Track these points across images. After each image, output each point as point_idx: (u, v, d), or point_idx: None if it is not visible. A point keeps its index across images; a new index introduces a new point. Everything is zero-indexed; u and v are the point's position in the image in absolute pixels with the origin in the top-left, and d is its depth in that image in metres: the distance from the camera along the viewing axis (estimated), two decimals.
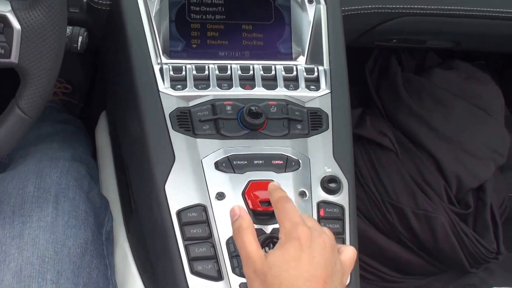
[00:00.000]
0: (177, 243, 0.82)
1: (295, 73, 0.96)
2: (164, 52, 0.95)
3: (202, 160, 0.87)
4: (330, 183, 0.88)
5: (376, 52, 1.61)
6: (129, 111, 0.96)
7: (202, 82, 0.92)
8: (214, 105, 0.90)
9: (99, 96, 1.54)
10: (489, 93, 1.52)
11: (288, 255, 0.71)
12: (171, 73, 0.92)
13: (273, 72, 0.95)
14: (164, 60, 0.94)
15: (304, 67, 0.97)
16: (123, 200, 1.05)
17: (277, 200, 0.79)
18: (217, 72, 0.93)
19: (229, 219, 0.82)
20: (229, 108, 0.90)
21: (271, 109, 0.92)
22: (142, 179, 0.91)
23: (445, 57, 1.62)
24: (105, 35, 1.05)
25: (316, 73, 0.96)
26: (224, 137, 0.89)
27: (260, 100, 0.92)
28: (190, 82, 0.92)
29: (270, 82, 0.94)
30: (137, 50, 0.93)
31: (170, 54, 0.96)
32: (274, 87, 0.94)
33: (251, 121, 0.89)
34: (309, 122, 0.92)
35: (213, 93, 0.92)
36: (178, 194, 0.85)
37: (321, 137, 0.92)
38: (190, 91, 0.91)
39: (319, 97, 0.95)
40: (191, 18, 0.98)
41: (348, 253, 0.78)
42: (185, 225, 0.83)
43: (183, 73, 0.92)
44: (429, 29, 1.20)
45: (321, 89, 0.96)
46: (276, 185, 0.83)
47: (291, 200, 0.79)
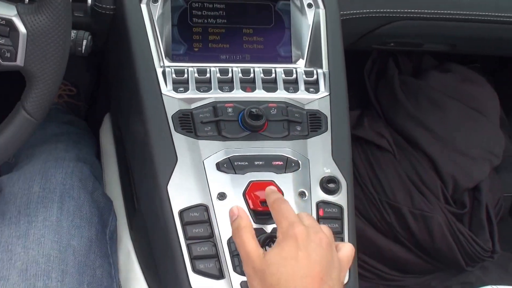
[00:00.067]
0: (179, 242, 0.82)
1: (294, 76, 0.96)
2: (166, 55, 0.95)
3: (204, 161, 0.87)
4: (329, 183, 0.88)
5: (374, 55, 1.61)
6: (132, 113, 0.96)
7: (203, 84, 0.92)
8: (215, 107, 0.90)
9: (103, 98, 1.54)
10: (484, 95, 1.52)
11: (285, 253, 0.71)
12: (174, 76, 0.92)
13: (273, 75, 0.95)
14: (166, 63, 0.94)
15: (303, 70, 0.97)
16: (127, 200, 1.05)
17: (273, 201, 0.79)
18: (218, 75, 0.93)
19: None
20: (230, 110, 0.90)
21: (271, 111, 0.92)
22: (145, 180, 0.91)
23: (441, 59, 1.61)
24: (109, 38, 1.05)
25: (315, 76, 0.96)
26: (225, 138, 0.89)
27: (260, 102, 0.92)
28: (192, 84, 0.92)
29: (270, 84, 0.95)
30: (140, 53, 0.93)
31: (172, 57, 0.95)
32: (274, 90, 0.94)
33: (251, 123, 0.89)
34: (308, 124, 0.92)
35: (215, 95, 0.92)
36: (180, 194, 0.85)
37: (320, 139, 0.92)
38: (192, 94, 0.91)
39: (318, 99, 0.95)
40: (193, 22, 0.97)
41: (345, 250, 0.78)
42: (187, 225, 0.83)
43: (185, 76, 0.92)
44: (426, 33, 1.20)
45: (320, 92, 0.96)
46: (272, 189, 0.84)
47: (287, 201, 0.79)
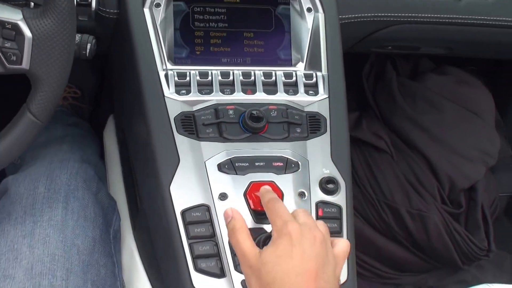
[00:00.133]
0: (181, 242, 0.82)
1: (294, 78, 0.96)
2: (169, 58, 0.95)
3: (205, 162, 0.87)
4: (328, 184, 0.88)
5: (372, 58, 1.60)
6: (135, 115, 0.95)
7: (205, 87, 0.92)
8: (217, 109, 0.90)
9: (107, 100, 1.54)
10: (480, 97, 1.52)
11: (279, 251, 0.72)
12: (176, 78, 0.92)
13: (274, 77, 0.95)
14: (169, 66, 0.94)
15: (303, 73, 0.97)
16: (130, 200, 1.04)
17: (267, 201, 0.80)
18: (219, 78, 0.94)
19: None
20: (231, 112, 0.90)
21: (271, 113, 0.92)
22: (148, 180, 0.91)
23: (438, 62, 1.61)
24: (113, 42, 1.05)
25: (314, 79, 0.96)
26: (226, 140, 0.89)
27: (261, 104, 0.92)
28: (194, 87, 0.92)
29: (270, 87, 0.94)
30: (143, 56, 0.93)
31: (174, 60, 0.95)
32: (274, 92, 0.94)
33: (252, 124, 0.89)
34: (308, 125, 0.92)
35: (216, 98, 0.92)
36: (182, 194, 0.85)
37: (319, 140, 0.92)
38: (194, 96, 0.91)
39: (318, 101, 0.95)
40: (195, 26, 0.97)
41: (341, 245, 0.78)
42: (189, 224, 0.83)
43: (187, 78, 0.92)
44: (423, 36, 1.20)
45: (319, 94, 0.96)
46: (267, 188, 0.84)
47: (281, 200, 0.80)
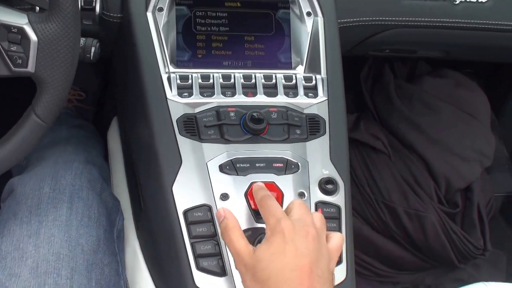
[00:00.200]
0: (183, 241, 0.82)
1: (294, 81, 0.96)
2: (171, 61, 0.94)
3: (207, 163, 0.87)
4: (327, 184, 0.88)
5: (370, 61, 1.60)
6: (138, 117, 0.95)
7: (207, 90, 0.92)
8: (218, 111, 0.90)
9: (110, 102, 1.54)
10: (475, 99, 1.52)
11: (273, 248, 0.72)
12: (178, 81, 0.92)
13: (274, 80, 0.95)
14: (171, 69, 0.94)
15: (302, 76, 0.97)
16: (133, 200, 1.04)
17: (260, 199, 0.79)
18: (221, 80, 0.93)
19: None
20: (232, 114, 0.90)
21: (272, 115, 0.91)
22: (151, 181, 0.90)
23: (435, 65, 1.61)
24: (116, 45, 1.05)
25: (314, 82, 0.96)
26: (228, 141, 0.89)
27: (261, 106, 0.92)
28: (196, 90, 0.92)
29: (271, 90, 0.94)
30: (146, 59, 0.93)
31: (177, 63, 0.95)
32: (274, 95, 0.94)
33: (253, 126, 0.88)
34: (307, 127, 0.92)
35: (218, 100, 0.92)
36: (184, 195, 0.85)
37: (318, 141, 0.92)
38: (196, 99, 0.91)
39: (317, 104, 0.95)
40: (197, 30, 0.97)
41: (335, 240, 0.78)
42: (191, 224, 0.83)
43: (190, 81, 0.92)
44: (420, 40, 1.20)
45: (318, 97, 0.95)
46: (259, 185, 0.84)
47: (274, 198, 0.79)
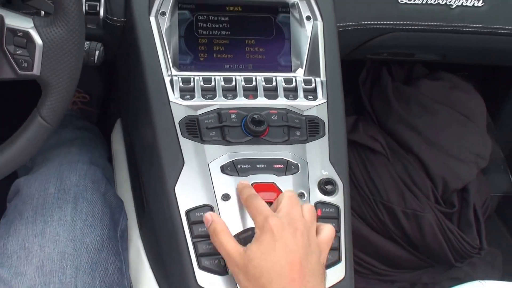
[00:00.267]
0: (186, 241, 0.82)
1: (294, 84, 0.96)
2: (174, 65, 0.94)
3: (209, 164, 0.87)
4: (326, 185, 0.88)
5: (368, 64, 1.60)
6: (142, 119, 0.95)
7: (209, 92, 0.92)
8: (220, 113, 0.90)
9: (114, 104, 1.54)
10: (471, 101, 1.52)
11: (263, 246, 0.72)
12: (181, 84, 0.92)
13: (274, 83, 0.95)
14: (174, 72, 0.94)
15: (302, 79, 0.97)
16: (137, 200, 1.04)
17: (246, 198, 0.80)
18: (222, 83, 0.93)
19: (234, 219, 0.83)
20: (233, 116, 0.90)
21: (272, 117, 0.91)
22: (154, 181, 0.90)
23: (432, 68, 1.61)
24: (120, 49, 1.05)
25: (313, 84, 0.96)
26: (229, 143, 0.89)
27: (262, 109, 0.92)
28: (198, 92, 0.92)
29: (271, 92, 0.94)
30: (149, 63, 0.92)
31: (179, 66, 0.95)
32: (275, 97, 0.94)
33: (254, 128, 0.88)
34: (307, 129, 0.92)
35: (219, 102, 0.92)
36: (187, 195, 0.84)
37: (318, 143, 0.92)
38: (198, 101, 0.91)
39: (316, 106, 0.95)
40: (198, 33, 0.97)
41: (325, 232, 0.78)
42: (193, 224, 0.82)
43: (192, 84, 0.92)
44: (417, 44, 1.20)
45: (318, 99, 0.95)
46: (244, 184, 0.84)
47: (259, 196, 0.79)
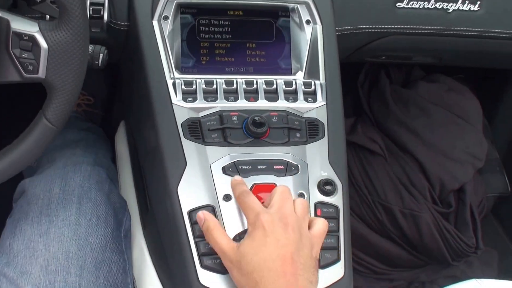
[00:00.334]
0: (188, 240, 0.82)
1: (294, 86, 0.96)
2: (176, 68, 0.94)
3: (211, 165, 0.87)
4: (326, 185, 0.88)
5: (366, 67, 1.60)
6: (145, 121, 0.95)
7: (210, 95, 0.92)
8: (221, 115, 0.90)
9: (118, 106, 1.54)
10: (468, 103, 1.51)
11: (255, 242, 0.73)
12: (183, 87, 0.92)
13: (275, 86, 0.95)
14: (176, 75, 0.94)
15: (302, 81, 0.97)
16: (140, 200, 1.04)
17: (238, 195, 0.81)
18: (224, 86, 0.93)
19: (236, 218, 0.83)
20: (235, 118, 0.90)
21: (272, 119, 0.91)
22: (157, 182, 0.90)
23: (429, 71, 1.61)
24: (124, 52, 1.05)
25: (313, 87, 0.96)
26: (230, 144, 0.88)
27: (263, 111, 0.92)
28: (200, 95, 0.92)
29: (272, 95, 0.94)
30: (152, 66, 0.92)
31: (182, 69, 0.95)
32: (275, 100, 0.94)
33: (255, 130, 0.88)
34: (307, 131, 0.92)
35: (221, 105, 0.92)
36: (189, 195, 0.84)
37: (318, 144, 0.92)
38: (200, 103, 0.91)
39: (316, 108, 0.95)
40: (200, 37, 0.97)
41: (318, 226, 0.78)
42: (195, 224, 0.82)
43: (194, 87, 0.92)
44: (415, 47, 1.20)
45: (317, 101, 0.95)
46: (237, 180, 0.84)
47: (251, 192, 0.80)
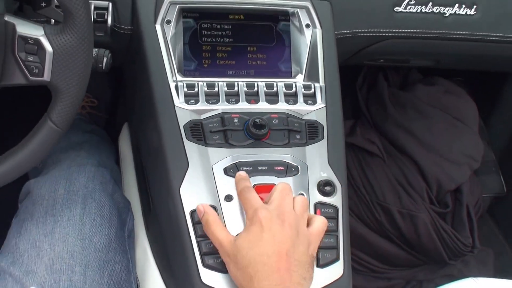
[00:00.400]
0: (190, 240, 0.82)
1: (294, 89, 0.96)
2: (179, 71, 0.94)
3: (212, 166, 0.87)
4: (325, 186, 0.88)
5: (365, 70, 1.60)
6: (148, 123, 0.95)
7: (212, 97, 0.92)
8: (223, 118, 0.90)
9: (121, 109, 1.54)
10: (465, 105, 1.51)
11: (252, 237, 0.73)
12: (185, 89, 0.92)
13: (275, 88, 0.95)
14: (179, 78, 0.93)
15: (302, 84, 0.97)
16: (143, 201, 1.04)
17: (240, 191, 0.81)
18: (225, 88, 0.93)
19: (237, 218, 0.83)
20: (236, 120, 0.90)
21: (273, 121, 0.91)
22: (159, 183, 0.90)
23: (427, 74, 1.60)
24: (127, 56, 1.04)
25: (312, 90, 0.96)
26: (232, 146, 0.88)
27: (263, 113, 0.92)
28: (202, 97, 0.92)
29: (272, 97, 0.94)
30: (155, 69, 0.92)
31: (184, 72, 0.95)
32: (276, 102, 0.94)
33: (255, 132, 0.88)
34: (306, 132, 0.92)
35: (222, 107, 0.92)
36: (191, 196, 0.84)
37: (317, 146, 0.92)
38: (202, 106, 0.91)
39: (316, 110, 0.95)
40: (202, 41, 0.97)
41: (316, 225, 0.78)
42: (197, 224, 0.82)
43: (196, 89, 0.92)
44: (412, 50, 1.19)
45: (317, 104, 0.95)
46: (242, 176, 0.84)
47: (253, 189, 0.80)
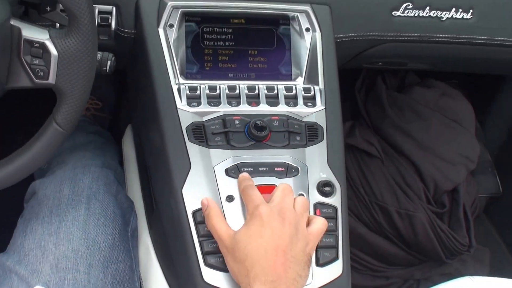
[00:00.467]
0: (192, 239, 0.82)
1: (294, 92, 0.95)
2: (181, 74, 0.94)
3: (214, 167, 0.86)
4: (325, 187, 0.88)
5: (364, 73, 1.60)
6: (151, 125, 0.95)
7: (214, 100, 0.92)
8: (224, 120, 0.90)
9: (125, 111, 1.54)
10: (461, 107, 1.51)
11: (251, 231, 0.73)
12: (187, 92, 0.92)
13: (276, 91, 0.95)
14: (181, 80, 0.93)
15: (302, 87, 0.96)
16: (146, 201, 1.04)
17: (242, 189, 0.81)
18: (227, 91, 0.93)
19: (238, 219, 0.82)
20: (237, 122, 0.90)
21: (274, 123, 0.91)
22: (162, 184, 0.90)
23: (424, 76, 1.61)
24: (130, 59, 1.04)
25: (312, 92, 0.96)
26: (233, 147, 0.88)
27: (264, 115, 0.92)
28: (203, 100, 0.92)
29: (273, 99, 0.94)
30: (158, 72, 0.92)
31: (186, 75, 0.95)
32: (276, 104, 0.94)
33: (256, 133, 0.88)
34: (306, 134, 0.92)
35: (224, 109, 0.91)
36: (193, 196, 0.84)
37: (317, 147, 0.92)
38: (204, 108, 0.91)
39: (315, 112, 0.95)
40: (204, 44, 0.97)
41: (316, 225, 0.78)
42: (199, 224, 0.82)
43: (198, 92, 0.92)
44: (410, 54, 1.19)
45: (317, 106, 0.95)
46: (244, 176, 0.84)
47: (255, 187, 0.81)
